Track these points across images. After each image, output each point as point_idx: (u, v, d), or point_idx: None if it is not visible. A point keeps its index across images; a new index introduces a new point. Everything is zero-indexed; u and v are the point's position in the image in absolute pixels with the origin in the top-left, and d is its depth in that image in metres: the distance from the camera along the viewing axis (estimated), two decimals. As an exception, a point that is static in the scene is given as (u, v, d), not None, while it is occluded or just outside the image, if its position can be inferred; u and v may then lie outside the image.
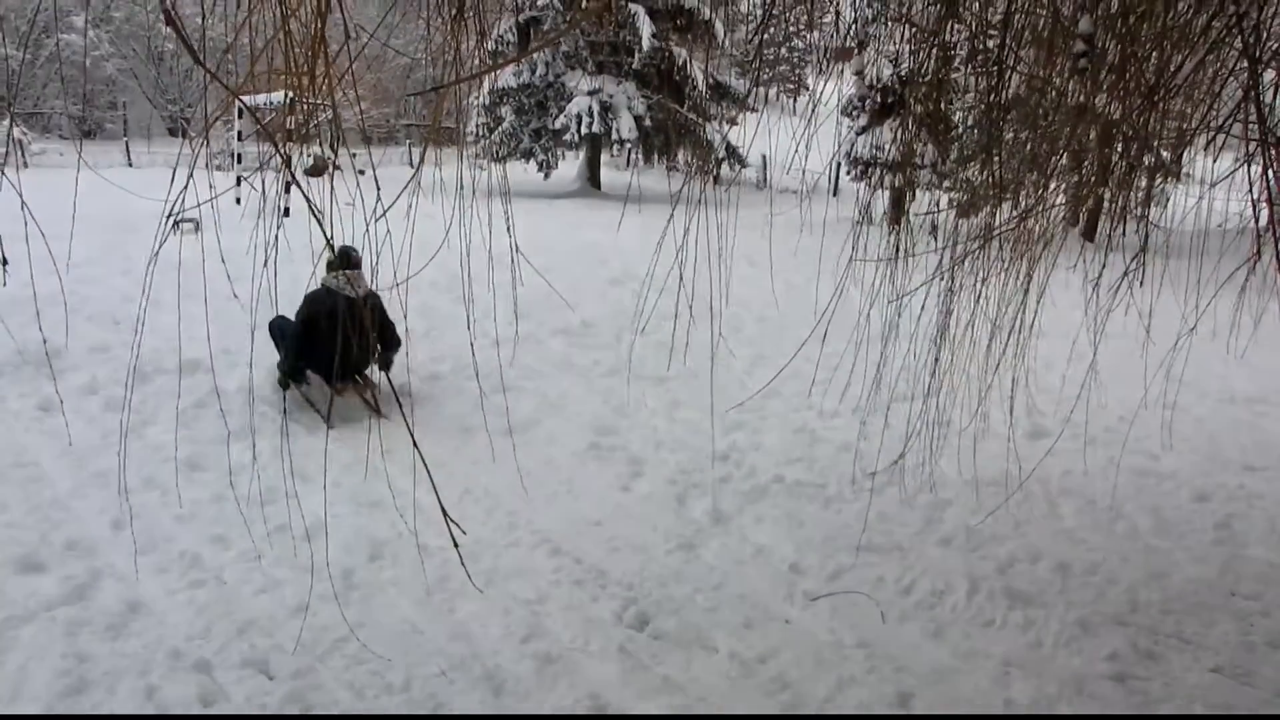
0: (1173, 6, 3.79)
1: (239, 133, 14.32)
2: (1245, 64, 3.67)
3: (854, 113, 16.89)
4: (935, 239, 4.53)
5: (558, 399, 6.97)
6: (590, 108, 21.47)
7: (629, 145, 21.88)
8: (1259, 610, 4.43)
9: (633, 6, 20.59)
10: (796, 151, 4.12)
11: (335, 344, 5.64)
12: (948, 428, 4.81)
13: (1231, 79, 4.10)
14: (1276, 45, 4.07)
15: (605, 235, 13.57)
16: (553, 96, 22.64)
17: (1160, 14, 3.77)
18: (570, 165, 24.79)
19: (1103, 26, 3.92)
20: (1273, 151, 3.96)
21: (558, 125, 21.87)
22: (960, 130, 7.07)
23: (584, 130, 21.51)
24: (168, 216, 2.33)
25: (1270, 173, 4.33)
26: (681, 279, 3.45)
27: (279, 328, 6.39)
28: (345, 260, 5.85)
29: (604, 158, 24.41)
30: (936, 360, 4.37)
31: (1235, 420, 7.11)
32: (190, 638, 3.78)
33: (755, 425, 6.48)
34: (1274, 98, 4.02)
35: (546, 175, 23.50)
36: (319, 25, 2.24)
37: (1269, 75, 3.95)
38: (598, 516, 5.12)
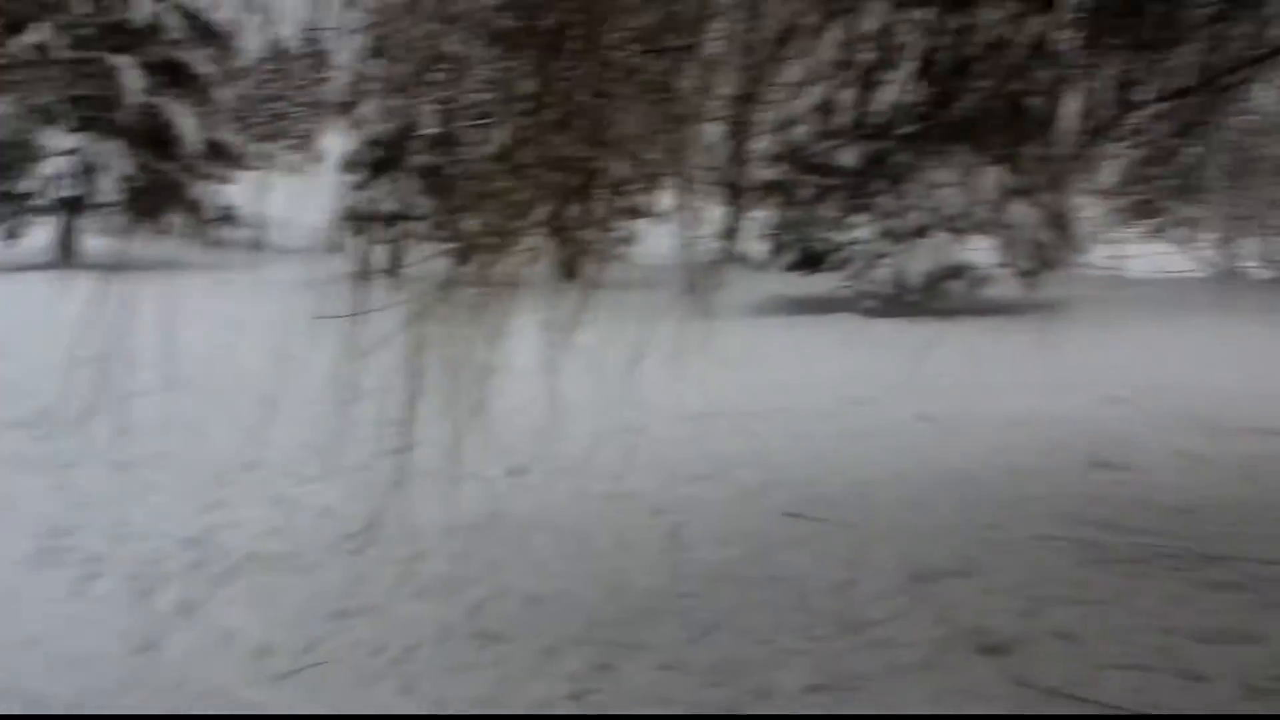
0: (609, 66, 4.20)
1: None
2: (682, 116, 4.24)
3: (356, 168, 16.84)
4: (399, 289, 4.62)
5: (4, 503, 6.10)
6: (67, 168, 19.32)
7: (115, 209, 19.98)
8: (698, 604, 5.00)
9: (116, 59, 19.00)
10: (294, 210, 4.00)
11: None
12: (424, 478, 4.90)
13: (676, 129, 4.70)
14: (697, 102, 4.74)
15: (80, 310, 12.19)
16: (19, 157, 20.06)
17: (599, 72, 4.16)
18: (45, 232, 22.05)
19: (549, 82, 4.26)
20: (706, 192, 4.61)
21: (24, 189, 19.40)
22: (455, 181, 7.35)
23: (59, 194, 19.29)
24: None
25: (690, 210, 5.03)
26: (131, 355, 3.18)
27: None
28: None
29: (87, 223, 22.04)
30: (409, 412, 4.43)
31: (689, 435, 8.01)
32: None
33: (235, 501, 6.14)
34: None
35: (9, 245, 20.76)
36: None
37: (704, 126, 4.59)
38: (40, 632, 4.52)
